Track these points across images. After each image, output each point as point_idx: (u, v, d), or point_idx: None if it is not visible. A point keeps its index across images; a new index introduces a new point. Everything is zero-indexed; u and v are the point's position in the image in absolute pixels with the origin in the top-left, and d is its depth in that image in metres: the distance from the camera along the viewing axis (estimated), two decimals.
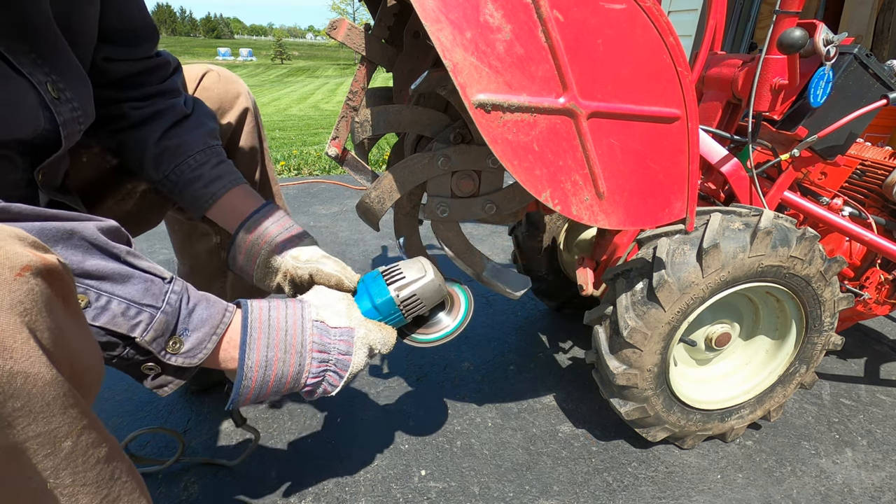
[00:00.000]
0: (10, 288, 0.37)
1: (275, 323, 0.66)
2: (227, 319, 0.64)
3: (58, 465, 0.41)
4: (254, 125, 1.03)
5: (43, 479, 0.41)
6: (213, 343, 0.62)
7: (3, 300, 0.36)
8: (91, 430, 0.44)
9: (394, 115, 0.81)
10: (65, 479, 0.42)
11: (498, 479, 1.00)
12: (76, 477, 0.43)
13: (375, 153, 4.00)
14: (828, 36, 0.96)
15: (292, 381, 0.66)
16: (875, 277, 1.22)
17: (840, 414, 1.24)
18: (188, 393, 1.19)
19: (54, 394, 0.39)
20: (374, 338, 0.72)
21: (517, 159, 0.66)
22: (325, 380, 0.69)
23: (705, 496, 0.99)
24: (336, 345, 0.68)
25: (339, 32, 0.80)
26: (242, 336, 0.64)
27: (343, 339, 0.69)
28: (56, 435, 0.40)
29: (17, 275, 0.38)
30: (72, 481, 0.43)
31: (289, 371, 0.66)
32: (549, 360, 1.39)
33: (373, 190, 0.81)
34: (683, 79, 0.71)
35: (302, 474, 1.00)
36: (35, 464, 0.39)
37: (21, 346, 0.37)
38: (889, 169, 1.18)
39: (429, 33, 0.59)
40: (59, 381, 0.39)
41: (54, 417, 0.40)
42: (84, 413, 0.43)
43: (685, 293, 0.89)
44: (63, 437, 0.41)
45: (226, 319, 0.64)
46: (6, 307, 0.36)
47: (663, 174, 0.75)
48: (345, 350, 0.69)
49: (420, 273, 0.77)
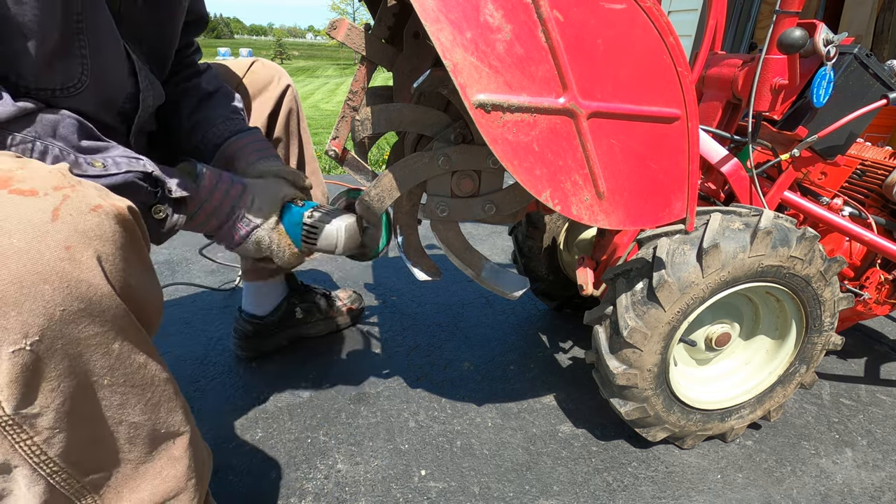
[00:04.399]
0: (84, 218, 0.48)
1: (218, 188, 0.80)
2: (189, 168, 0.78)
3: (112, 364, 0.52)
4: (293, 101, 1.18)
5: (102, 375, 0.51)
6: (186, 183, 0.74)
7: (78, 226, 0.47)
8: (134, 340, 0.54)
9: (394, 114, 0.81)
10: (118, 378, 0.53)
11: (498, 479, 1.00)
12: (127, 378, 0.54)
13: (375, 153, 4.00)
14: (828, 36, 0.96)
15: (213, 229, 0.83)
16: (875, 277, 1.22)
17: (840, 414, 1.24)
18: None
19: (108, 304, 0.49)
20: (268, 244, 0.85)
21: (517, 159, 0.66)
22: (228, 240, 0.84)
23: (705, 496, 0.99)
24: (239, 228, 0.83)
25: (339, 32, 0.80)
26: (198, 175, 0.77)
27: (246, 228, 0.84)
28: (107, 337, 0.50)
29: (91, 210, 0.49)
30: (124, 381, 0.54)
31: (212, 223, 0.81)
32: (549, 360, 1.39)
33: (372, 188, 0.81)
34: (683, 79, 0.71)
35: (302, 474, 1.00)
36: (95, 361, 0.50)
37: (87, 260, 0.47)
38: (889, 169, 1.18)
39: (429, 33, 0.59)
40: (111, 295, 0.50)
41: (107, 322, 0.50)
42: (130, 325, 0.53)
43: (685, 293, 0.89)
44: (112, 339, 0.51)
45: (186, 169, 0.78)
46: (80, 231, 0.47)
47: (663, 174, 0.75)
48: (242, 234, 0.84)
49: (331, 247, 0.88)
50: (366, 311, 1.57)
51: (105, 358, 0.51)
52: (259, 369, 1.29)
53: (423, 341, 1.44)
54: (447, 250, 0.90)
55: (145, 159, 0.69)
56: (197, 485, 0.65)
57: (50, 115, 0.63)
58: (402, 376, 1.29)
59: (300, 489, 0.97)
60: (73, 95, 0.70)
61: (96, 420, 0.53)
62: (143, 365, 0.55)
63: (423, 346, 1.42)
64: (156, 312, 0.59)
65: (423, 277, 0.91)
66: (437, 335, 1.47)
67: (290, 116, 1.17)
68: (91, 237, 0.48)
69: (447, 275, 1.81)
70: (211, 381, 1.24)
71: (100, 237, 0.49)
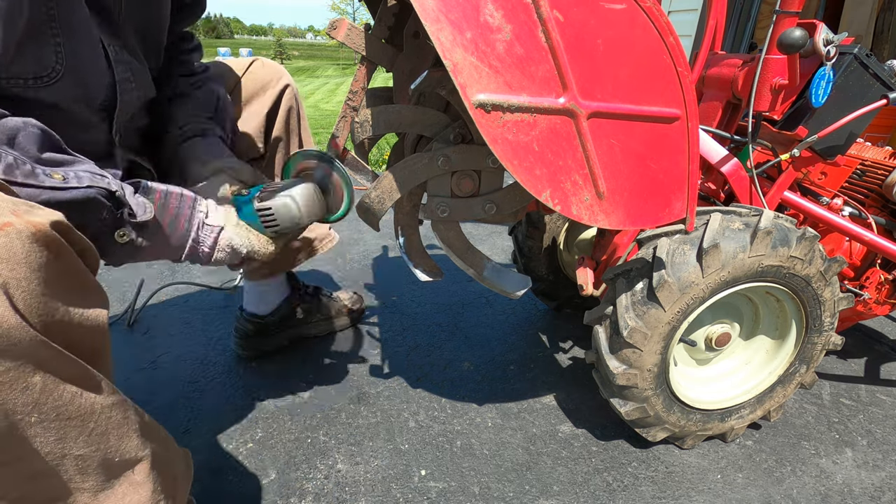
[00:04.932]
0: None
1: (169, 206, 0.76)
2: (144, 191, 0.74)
3: (37, 399, 0.47)
4: (292, 99, 1.17)
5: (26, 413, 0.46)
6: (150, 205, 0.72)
7: None
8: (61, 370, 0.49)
9: (394, 115, 0.81)
10: (48, 413, 0.48)
11: (498, 479, 1.00)
12: (59, 411, 0.49)
13: (375, 153, 4.00)
14: (828, 36, 0.96)
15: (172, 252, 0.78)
16: (875, 277, 1.22)
17: (840, 414, 1.24)
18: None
19: (19, 336, 0.44)
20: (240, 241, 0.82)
21: (517, 159, 0.66)
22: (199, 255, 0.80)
23: (705, 496, 0.99)
24: (206, 239, 0.80)
25: (339, 32, 0.80)
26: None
27: (212, 235, 0.80)
28: (23, 371, 0.45)
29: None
30: (56, 415, 0.48)
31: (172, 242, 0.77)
32: (549, 360, 1.39)
33: (373, 190, 0.81)
34: (683, 79, 0.71)
35: (302, 474, 1.00)
36: (13, 398, 0.45)
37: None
38: (889, 169, 1.18)
39: (429, 33, 0.59)
40: (21, 326, 0.44)
41: (20, 357, 0.44)
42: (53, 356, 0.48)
43: (685, 293, 0.89)
44: (30, 373, 0.45)
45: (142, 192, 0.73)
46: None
47: (663, 174, 0.75)
48: (210, 244, 0.80)
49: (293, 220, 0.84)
50: (366, 311, 1.57)
51: (25, 394, 0.46)
52: (259, 369, 1.29)
53: (423, 341, 1.44)
54: (448, 250, 0.90)
55: (110, 177, 0.65)
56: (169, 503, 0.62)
57: (11, 122, 0.59)
58: (402, 376, 1.29)
59: (300, 489, 0.97)
60: (48, 86, 0.67)
61: (32, 456, 0.48)
62: (77, 395, 0.50)
63: (423, 346, 1.42)
64: (97, 335, 0.54)
65: (424, 278, 0.91)
66: (437, 335, 1.47)
67: (290, 115, 1.17)
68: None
69: (447, 275, 1.81)
70: (211, 381, 1.24)
71: (6, 261, 0.43)
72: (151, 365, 1.30)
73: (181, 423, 1.11)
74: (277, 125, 1.15)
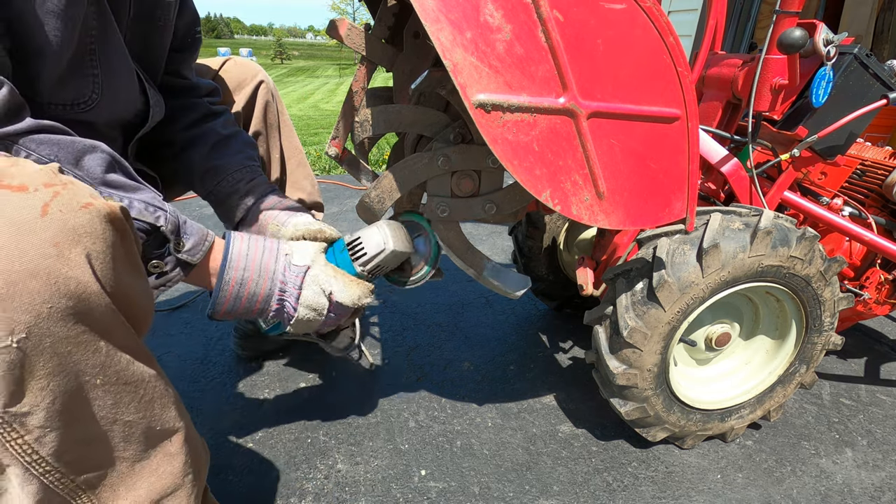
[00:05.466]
0: (74, 216, 0.48)
1: (253, 250, 0.76)
2: (211, 237, 0.75)
3: (103, 362, 0.51)
4: (268, 94, 1.16)
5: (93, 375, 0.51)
6: (205, 248, 0.73)
7: (67, 223, 0.47)
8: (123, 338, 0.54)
9: (394, 115, 0.81)
10: (110, 376, 0.53)
11: (498, 479, 1.00)
12: (119, 376, 0.54)
13: (375, 153, 4.00)
14: (828, 36, 0.96)
15: (263, 302, 0.77)
16: (875, 277, 1.22)
17: (840, 414, 1.24)
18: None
19: (96, 302, 0.49)
20: (326, 280, 0.79)
21: (517, 159, 0.66)
22: (285, 308, 0.78)
23: (705, 496, 0.99)
24: (293, 280, 0.78)
25: (339, 32, 0.80)
26: (224, 253, 0.74)
27: (300, 275, 0.78)
28: (95, 335, 0.50)
29: (81, 207, 0.49)
30: (116, 379, 0.53)
31: (260, 292, 0.76)
32: (549, 360, 1.39)
33: (373, 190, 0.81)
34: (683, 79, 0.71)
35: (302, 474, 1.00)
36: (85, 359, 0.50)
37: (76, 257, 0.47)
38: (889, 169, 1.18)
39: (429, 33, 0.59)
40: (100, 293, 0.49)
41: (95, 320, 0.50)
42: (119, 324, 0.53)
43: (685, 293, 0.89)
44: (99, 337, 0.51)
45: (210, 237, 0.74)
46: (69, 228, 0.47)
47: (663, 174, 0.75)
48: (298, 285, 0.78)
49: (380, 247, 0.81)
50: (366, 312, 1.57)
51: (95, 356, 0.50)
52: (259, 369, 1.29)
53: (423, 341, 1.44)
54: (449, 250, 0.90)
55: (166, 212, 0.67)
56: (194, 480, 0.65)
57: (80, 144, 0.63)
58: (402, 376, 1.29)
59: (300, 489, 0.97)
60: (84, 112, 0.72)
61: (90, 419, 0.52)
62: (132, 362, 0.55)
63: (423, 346, 1.42)
64: (144, 314, 0.58)
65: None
66: (437, 335, 1.47)
67: (268, 109, 1.17)
68: (80, 234, 0.48)
69: (447, 275, 1.81)
70: (211, 381, 1.24)
71: (89, 234, 0.49)
72: None
73: None
74: (255, 120, 1.15)
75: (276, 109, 1.19)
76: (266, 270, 0.76)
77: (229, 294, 0.74)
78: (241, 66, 1.16)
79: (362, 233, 0.83)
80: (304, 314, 0.78)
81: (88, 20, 0.68)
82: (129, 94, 0.80)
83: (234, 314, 0.76)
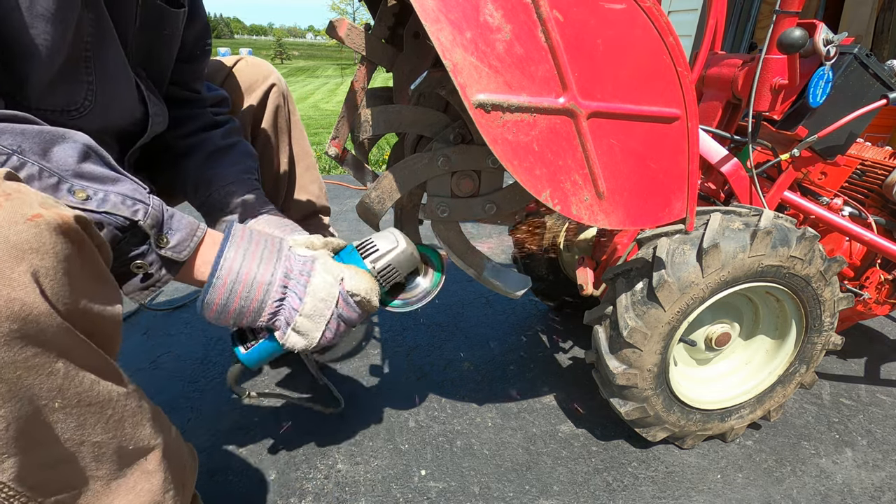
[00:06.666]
0: (17, 230, 0.44)
1: (256, 238, 0.72)
2: (202, 231, 0.69)
3: (60, 385, 0.48)
4: (280, 97, 1.14)
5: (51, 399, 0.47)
6: (193, 244, 0.67)
7: (9, 239, 0.43)
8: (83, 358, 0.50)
9: (394, 115, 0.81)
10: (70, 399, 0.49)
11: (498, 479, 1.00)
12: (81, 398, 0.50)
13: (375, 153, 4.00)
14: (828, 36, 0.96)
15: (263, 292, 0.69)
16: (875, 277, 1.22)
17: (840, 414, 1.24)
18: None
19: (46, 323, 0.45)
20: (336, 268, 0.74)
21: (517, 159, 0.66)
22: (287, 301, 0.71)
23: (705, 496, 0.99)
24: (299, 266, 0.72)
25: (339, 32, 0.80)
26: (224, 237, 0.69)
27: (307, 263, 0.73)
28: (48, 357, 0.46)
29: (27, 220, 0.45)
30: (77, 401, 0.50)
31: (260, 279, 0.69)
32: (549, 360, 1.39)
33: (373, 190, 0.80)
34: (683, 79, 0.71)
35: (302, 474, 1.00)
36: (38, 383, 0.46)
37: (20, 277, 0.43)
38: (889, 169, 1.18)
39: (429, 33, 0.59)
40: (50, 313, 0.45)
41: (46, 342, 0.46)
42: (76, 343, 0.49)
43: (685, 293, 0.89)
44: (54, 359, 0.47)
45: (200, 231, 0.69)
46: (11, 244, 0.43)
47: (663, 174, 0.75)
48: (306, 271, 0.72)
49: (392, 244, 0.80)
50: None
51: (51, 379, 0.47)
52: (259, 369, 1.29)
53: (423, 341, 1.44)
54: (449, 250, 0.90)
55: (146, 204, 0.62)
56: (176, 495, 0.63)
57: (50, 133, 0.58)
58: (402, 376, 1.29)
59: (300, 489, 0.97)
60: (76, 118, 0.70)
61: (53, 442, 0.50)
62: (96, 382, 0.52)
63: (423, 346, 1.42)
64: (111, 329, 0.54)
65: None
66: (437, 335, 1.47)
67: (279, 114, 1.15)
68: (25, 250, 0.44)
69: (447, 275, 1.80)
70: (211, 381, 1.24)
71: (36, 250, 0.45)
72: (151, 365, 1.30)
73: (181, 423, 1.11)
74: (265, 124, 1.13)
75: (286, 112, 1.17)
76: (268, 258, 0.70)
77: (224, 283, 0.67)
78: (254, 67, 1.13)
79: (372, 235, 0.82)
80: (312, 306, 0.71)
81: (83, 26, 0.66)
82: (126, 103, 0.78)
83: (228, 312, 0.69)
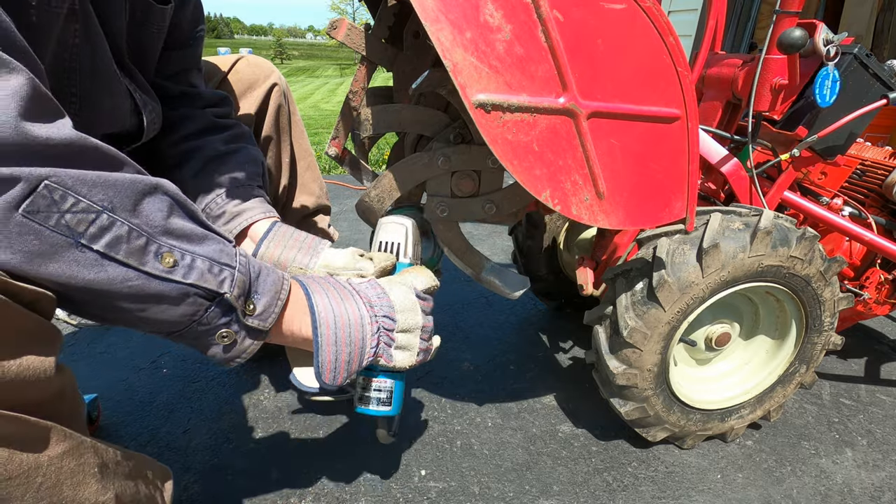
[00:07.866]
0: None
1: (332, 282, 0.71)
2: (287, 285, 0.66)
3: None
4: (281, 97, 1.12)
5: None
6: (279, 307, 0.64)
7: None
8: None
9: (394, 115, 0.81)
10: None
11: (498, 479, 1.00)
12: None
13: (375, 153, 4.00)
14: (828, 36, 0.96)
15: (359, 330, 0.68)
16: (875, 277, 1.22)
17: (840, 414, 1.24)
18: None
19: None
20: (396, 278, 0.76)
21: (517, 159, 0.66)
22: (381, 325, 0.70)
23: (705, 496, 0.99)
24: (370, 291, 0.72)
25: (339, 32, 0.80)
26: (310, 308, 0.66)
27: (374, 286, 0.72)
28: None
29: None
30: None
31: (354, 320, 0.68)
32: (549, 360, 1.39)
33: (372, 189, 0.81)
34: (683, 79, 0.71)
35: (302, 474, 1.00)
36: None
37: None
38: (889, 169, 1.18)
39: (429, 33, 0.59)
40: None
41: None
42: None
43: (685, 293, 0.89)
44: None
45: (285, 285, 0.66)
46: None
47: (663, 174, 0.75)
48: (381, 293, 0.71)
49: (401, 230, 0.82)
50: None
51: None
52: (259, 369, 1.29)
53: None
54: (448, 250, 0.90)
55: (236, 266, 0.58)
56: None
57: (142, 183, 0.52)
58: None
59: (300, 489, 0.97)
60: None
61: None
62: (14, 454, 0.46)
63: None
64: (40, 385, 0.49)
65: None
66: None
67: (280, 114, 1.13)
68: None
69: (447, 275, 1.81)
70: (210, 381, 1.24)
71: None
72: (151, 365, 1.30)
73: (181, 423, 1.11)
74: (266, 125, 1.11)
75: (288, 112, 1.15)
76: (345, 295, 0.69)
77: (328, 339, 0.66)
78: (254, 66, 1.11)
79: (376, 239, 0.82)
80: (404, 319, 0.71)
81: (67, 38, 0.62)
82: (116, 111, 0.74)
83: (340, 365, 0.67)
